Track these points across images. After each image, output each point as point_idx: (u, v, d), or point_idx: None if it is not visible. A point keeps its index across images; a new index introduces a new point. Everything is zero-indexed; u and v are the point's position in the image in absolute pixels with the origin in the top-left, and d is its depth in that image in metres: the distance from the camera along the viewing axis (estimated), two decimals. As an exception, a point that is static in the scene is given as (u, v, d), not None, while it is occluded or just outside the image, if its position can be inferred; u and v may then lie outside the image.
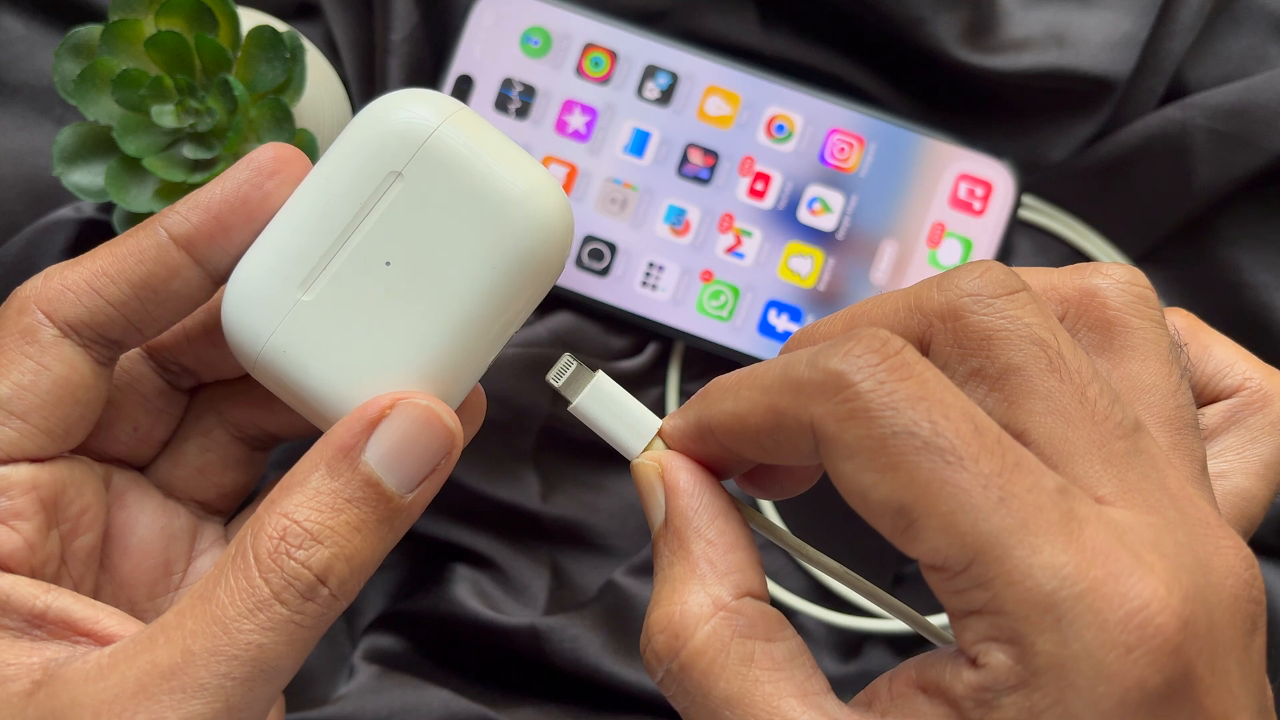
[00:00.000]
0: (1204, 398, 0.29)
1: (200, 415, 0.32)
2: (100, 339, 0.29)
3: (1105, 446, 0.23)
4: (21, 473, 0.28)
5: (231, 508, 0.34)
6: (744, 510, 0.27)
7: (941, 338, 0.24)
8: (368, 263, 0.28)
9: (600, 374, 0.29)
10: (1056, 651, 0.21)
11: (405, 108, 0.28)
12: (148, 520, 0.31)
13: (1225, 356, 0.29)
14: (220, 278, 0.29)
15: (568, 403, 0.29)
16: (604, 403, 0.28)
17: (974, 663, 0.22)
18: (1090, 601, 0.21)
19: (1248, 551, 0.23)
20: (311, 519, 0.26)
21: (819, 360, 0.23)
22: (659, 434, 0.28)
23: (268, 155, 0.29)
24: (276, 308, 0.28)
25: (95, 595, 0.30)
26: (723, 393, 0.26)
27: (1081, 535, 0.22)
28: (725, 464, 0.27)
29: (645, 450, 0.28)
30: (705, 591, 0.25)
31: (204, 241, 0.28)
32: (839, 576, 0.28)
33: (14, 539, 0.27)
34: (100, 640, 0.27)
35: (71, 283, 0.28)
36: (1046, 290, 0.27)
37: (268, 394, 0.32)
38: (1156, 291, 0.47)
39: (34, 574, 0.28)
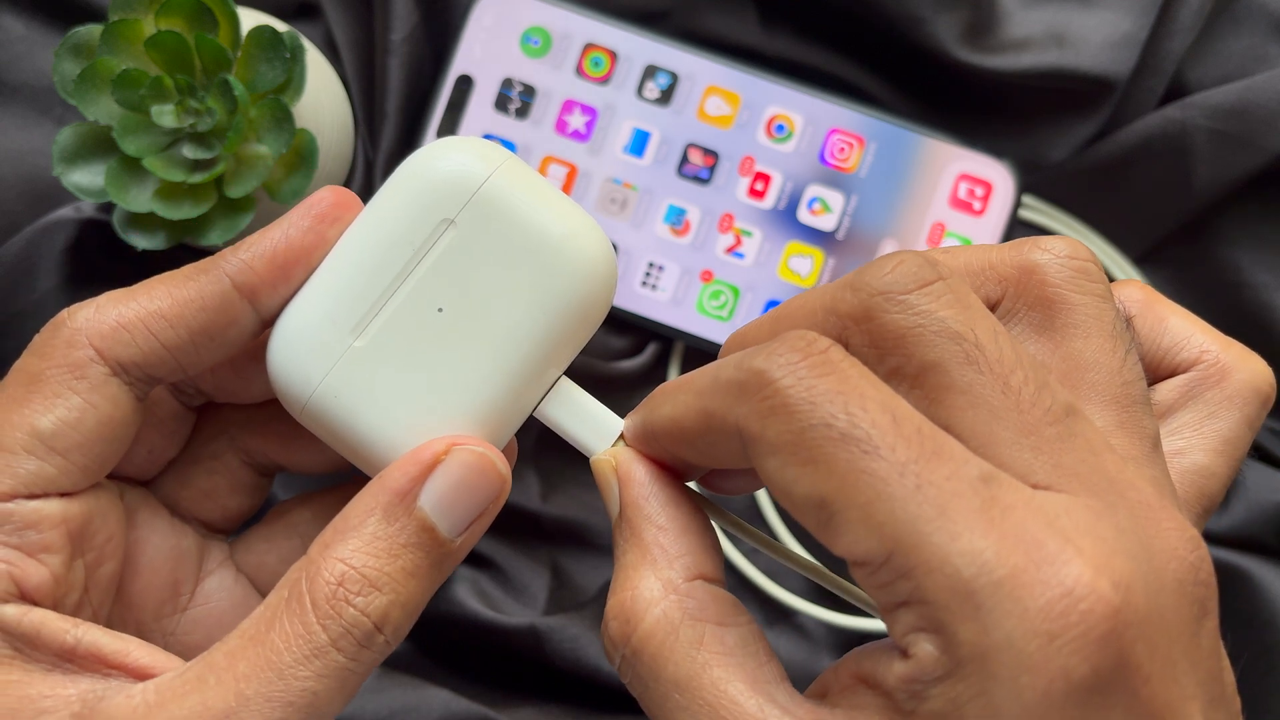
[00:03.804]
0: (1160, 372, 0.29)
1: (211, 438, 0.32)
2: (147, 378, 0.28)
3: (1034, 434, 0.23)
4: (52, 507, 0.28)
5: (233, 528, 0.33)
6: (702, 503, 0.27)
7: (857, 339, 0.24)
8: (420, 308, 0.28)
9: (563, 378, 0.29)
10: (978, 640, 0.21)
11: (455, 156, 0.28)
12: (158, 540, 0.31)
13: (1182, 329, 0.29)
14: (270, 320, 0.29)
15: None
16: (568, 406, 0.29)
17: (904, 654, 0.22)
18: (1010, 589, 0.21)
19: (1193, 533, 0.23)
20: (370, 565, 0.26)
21: (744, 361, 0.23)
22: (620, 436, 0.28)
23: (328, 202, 0.29)
24: (327, 353, 0.28)
25: (107, 618, 0.30)
26: (663, 397, 0.26)
27: (1004, 521, 0.21)
28: (677, 466, 0.27)
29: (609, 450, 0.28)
30: (656, 576, 0.25)
31: (268, 291, 0.28)
32: (802, 566, 0.28)
33: (41, 572, 0.27)
34: (131, 673, 0.27)
35: (128, 321, 0.28)
36: (984, 269, 0.26)
37: (285, 429, 0.32)
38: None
39: (57, 605, 0.28)
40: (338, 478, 0.33)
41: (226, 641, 0.26)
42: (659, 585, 0.25)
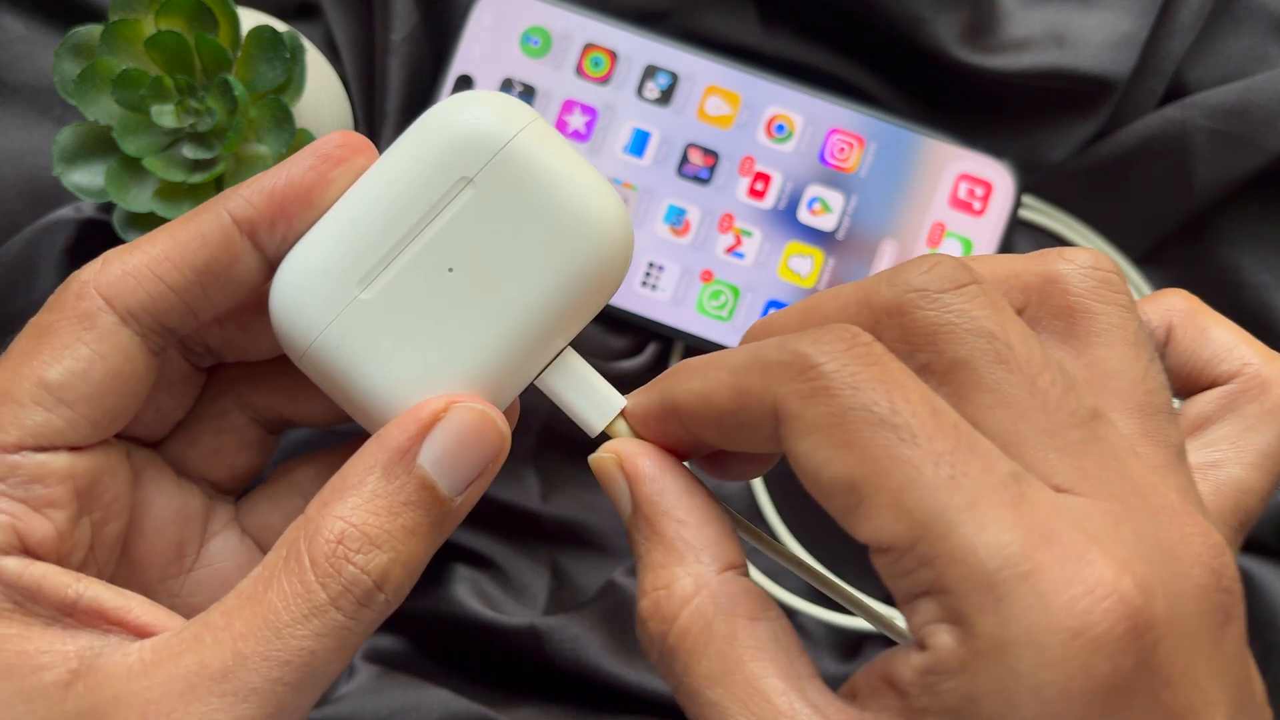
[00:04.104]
0: (1200, 383, 0.28)
1: (217, 396, 0.32)
2: (159, 327, 0.28)
3: (1059, 435, 0.23)
4: (60, 461, 0.27)
5: (239, 488, 0.33)
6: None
7: (889, 333, 0.24)
8: (430, 267, 0.27)
9: (569, 349, 0.29)
10: (997, 633, 0.21)
11: (479, 112, 0.28)
12: (164, 501, 0.31)
13: (1224, 340, 0.28)
14: (276, 264, 0.29)
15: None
16: (570, 378, 0.29)
17: (921, 646, 0.22)
18: (1034, 583, 0.21)
19: (1217, 539, 0.23)
20: (370, 523, 0.26)
21: (788, 343, 0.23)
22: (623, 413, 0.28)
23: (335, 143, 0.28)
24: (332, 302, 0.28)
25: (112, 578, 0.30)
26: (690, 373, 0.26)
27: (1032, 517, 0.21)
28: (685, 446, 0.27)
29: (609, 426, 0.28)
30: (686, 571, 0.25)
31: (266, 227, 0.28)
32: (796, 565, 0.28)
33: (46, 527, 0.27)
34: (131, 629, 0.27)
35: (132, 268, 0.28)
36: (1009, 279, 0.26)
37: (291, 382, 0.31)
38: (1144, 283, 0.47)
39: (61, 562, 0.27)
40: (342, 435, 0.33)
41: (224, 601, 0.26)
42: (690, 581, 0.25)
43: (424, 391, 0.27)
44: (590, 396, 0.28)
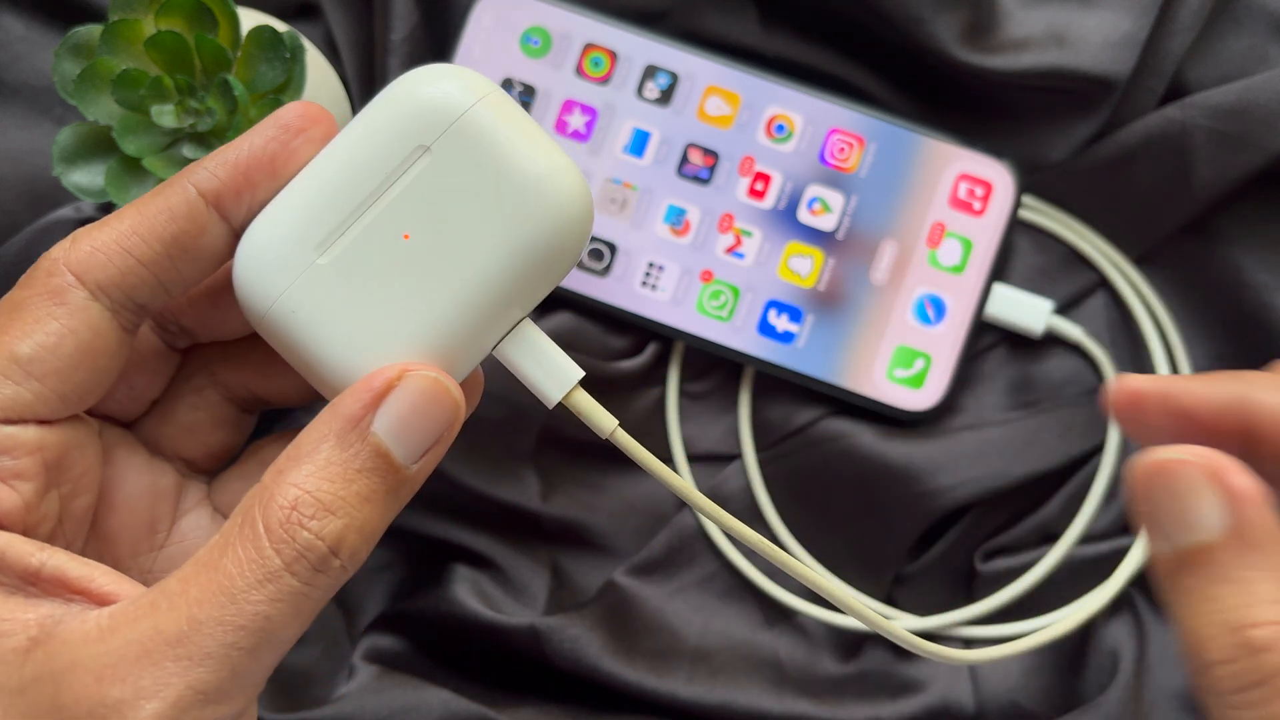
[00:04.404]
0: None
1: (192, 374, 0.32)
2: (130, 302, 0.28)
3: None
4: (28, 434, 0.28)
5: (215, 467, 0.34)
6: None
7: None
8: (386, 233, 0.28)
9: (526, 320, 0.29)
10: None
11: (439, 84, 0.28)
12: (135, 478, 0.31)
13: None
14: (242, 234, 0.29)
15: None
16: (527, 349, 0.29)
17: None
18: None
19: None
20: (324, 489, 0.26)
21: None
22: (580, 383, 0.28)
23: (295, 113, 0.29)
24: (290, 267, 0.28)
25: (83, 552, 0.30)
26: None
27: None
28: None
29: (566, 398, 0.28)
30: None
31: (231, 198, 0.28)
32: (794, 569, 0.28)
33: (12, 498, 0.27)
34: (95, 599, 0.27)
35: (102, 243, 0.28)
36: None
37: (262, 359, 0.32)
38: (1155, 292, 0.47)
39: (27, 533, 0.28)
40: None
41: (182, 569, 0.26)
42: None
43: (379, 358, 0.28)
44: (548, 368, 0.29)
